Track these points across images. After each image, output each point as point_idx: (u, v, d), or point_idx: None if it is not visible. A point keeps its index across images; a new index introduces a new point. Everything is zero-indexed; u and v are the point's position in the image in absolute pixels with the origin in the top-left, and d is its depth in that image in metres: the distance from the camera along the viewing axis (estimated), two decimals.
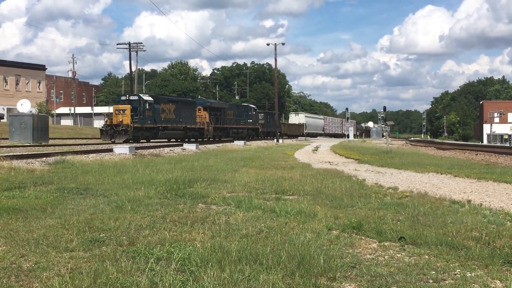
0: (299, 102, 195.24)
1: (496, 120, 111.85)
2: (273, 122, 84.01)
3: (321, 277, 5.73)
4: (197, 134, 57.57)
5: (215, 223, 8.64)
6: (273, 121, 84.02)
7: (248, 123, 72.97)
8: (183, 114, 53.88)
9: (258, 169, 20.40)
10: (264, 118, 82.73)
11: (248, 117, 73.22)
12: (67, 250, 6.75)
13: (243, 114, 71.87)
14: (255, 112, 76.42)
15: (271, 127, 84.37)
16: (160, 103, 50.32)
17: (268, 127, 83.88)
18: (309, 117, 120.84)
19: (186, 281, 5.42)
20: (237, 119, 69.45)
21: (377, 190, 13.67)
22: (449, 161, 27.62)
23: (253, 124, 74.93)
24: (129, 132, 44.62)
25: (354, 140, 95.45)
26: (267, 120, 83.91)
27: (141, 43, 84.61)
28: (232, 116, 67.54)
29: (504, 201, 12.06)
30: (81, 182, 14.31)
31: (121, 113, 45.81)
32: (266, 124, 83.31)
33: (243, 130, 70.83)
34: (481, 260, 6.44)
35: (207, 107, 60.45)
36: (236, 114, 69.10)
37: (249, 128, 73.48)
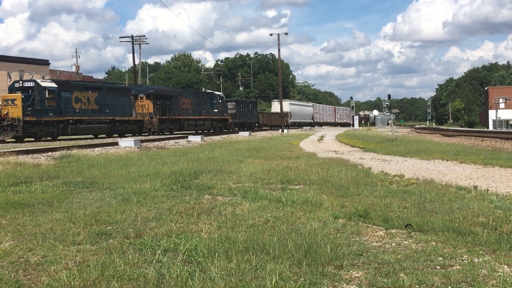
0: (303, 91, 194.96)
1: (501, 106, 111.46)
2: (248, 111, 75.30)
3: (328, 265, 5.73)
4: (133, 128, 47.98)
5: (221, 214, 8.65)
6: (248, 110, 75.36)
7: (212, 113, 62.39)
8: (110, 103, 44.51)
9: (264, 159, 20.39)
10: (236, 107, 71.27)
11: (213, 106, 62.84)
12: (74, 244, 6.77)
13: (205, 103, 61.28)
14: (222, 101, 65.84)
15: (245, 118, 74.14)
16: (72, 90, 41.12)
17: (241, 117, 72.69)
18: (295, 105, 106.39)
19: (193, 272, 5.42)
20: (197, 108, 58.94)
21: (383, 178, 13.65)
22: (455, 148, 27.55)
23: (219, 115, 64.16)
24: (19, 128, 35.98)
25: (359, 128, 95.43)
26: (239, 109, 72.26)
27: (144, 36, 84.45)
28: (188, 105, 57.23)
29: (511, 186, 12.03)
30: (87, 176, 14.34)
31: (10, 103, 36.75)
32: (239, 114, 71.86)
33: (205, 122, 60.62)
34: (488, 246, 6.43)
35: (150, 95, 51.00)
36: (195, 103, 58.68)
37: (214, 119, 62.91)
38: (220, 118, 64.78)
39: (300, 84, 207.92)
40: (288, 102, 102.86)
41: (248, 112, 75.53)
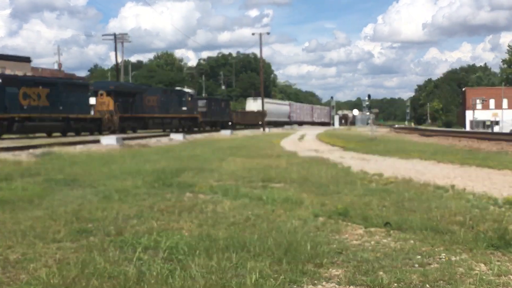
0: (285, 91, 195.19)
1: (478, 107, 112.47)
2: (221, 110, 73.06)
3: (308, 263, 5.78)
4: (91, 126, 45.16)
5: (203, 212, 8.67)
6: (221, 109, 73.12)
7: (180, 111, 59.98)
8: (64, 100, 41.77)
9: (245, 158, 20.42)
10: (207, 105, 69.00)
11: (181, 104, 60.48)
12: (55, 241, 6.75)
13: (173, 101, 59.11)
14: (192, 99, 63.45)
15: (217, 116, 71.83)
16: (20, 85, 38.51)
17: (212, 116, 70.32)
18: (270, 103, 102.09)
19: (173, 270, 5.44)
20: (163, 106, 56.40)
21: (363, 176, 13.75)
22: (433, 147, 27.80)
23: (188, 113, 61.60)
24: None
25: (339, 128, 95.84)
26: (210, 107, 69.89)
27: (126, 34, 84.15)
28: (154, 103, 54.73)
29: (487, 185, 12.18)
30: (69, 173, 14.28)
31: None
32: (210, 112, 69.44)
33: (172, 120, 57.95)
34: (465, 244, 6.52)
35: (111, 92, 48.13)
36: (161, 101, 56.33)
37: (182, 118, 60.25)
38: (189, 117, 61.88)
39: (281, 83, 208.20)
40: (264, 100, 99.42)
41: (220, 110, 73.11)
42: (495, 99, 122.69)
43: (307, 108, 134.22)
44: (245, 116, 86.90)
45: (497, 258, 6.04)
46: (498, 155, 21.31)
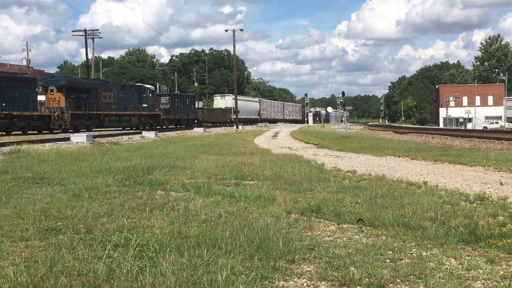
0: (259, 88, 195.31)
1: (451, 104, 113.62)
2: (185, 107, 68.77)
3: (280, 260, 5.75)
4: (38, 124, 41.78)
5: (174, 209, 8.60)
6: (185, 105, 68.78)
7: (141, 108, 55.92)
8: (7, 96, 38.44)
9: (218, 155, 20.37)
10: (170, 102, 64.90)
11: (142, 101, 56.38)
12: (22, 239, 6.64)
13: (132, 97, 54.61)
14: (153, 95, 59.38)
15: (181, 113, 67.87)
16: None
17: (176, 113, 66.22)
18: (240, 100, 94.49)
19: (144, 267, 5.38)
20: (121, 103, 52.11)
21: (336, 173, 13.78)
22: (407, 145, 27.99)
23: (149, 110, 57.70)
24: None
25: (313, 125, 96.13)
26: (174, 104, 65.65)
27: (97, 30, 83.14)
28: (111, 100, 50.49)
29: (459, 182, 12.28)
30: (37, 171, 14.09)
31: None
32: (174, 109, 65.33)
33: (131, 118, 53.84)
34: (436, 240, 6.55)
35: (62, 87, 44.18)
36: (119, 97, 51.97)
37: (142, 115, 56.38)
38: (150, 114, 58.18)
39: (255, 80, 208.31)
40: (231, 97, 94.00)
41: (185, 107, 69.04)
42: (468, 96, 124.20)
43: (278, 105, 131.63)
44: (212, 113, 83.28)
45: (468, 253, 6.07)
46: (471, 152, 21.52)
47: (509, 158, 17.80)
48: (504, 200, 9.25)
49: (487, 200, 9.36)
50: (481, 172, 14.38)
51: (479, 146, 27.08)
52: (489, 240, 6.38)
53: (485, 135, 38.21)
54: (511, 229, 6.76)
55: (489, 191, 10.60)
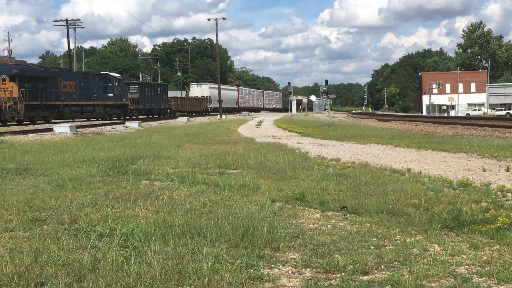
0: (242, 77, 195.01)
1: (434, 91, 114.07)
2: (156, 96, 65.89)
3: (265, 247, 5.77)
4: None
5: (159, 199, 8.60)
6: (156, 95, 65.82)
7: (106, 98, 52.38)
8: None
9: (202, 144, 20.35)
10: (140, 91, 61.16)
11: (107, 90, 52.72)
12: (7, 230, 6.61)
13: (96, 86, 50.92)
14: (119, 83, 55.34)
15: (152, 103, 64.80)
16: None
17: (146, 102, 62.94)
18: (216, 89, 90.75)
19: (129, 257, 5.38)
20: (84, 92, 48.43)
21: (320, 161, 13.82)
22: (390, 132, 28.12)
23: (116, 99, 54.06)
24: None
25: (297, 114, 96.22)
26: (144, 93, 62.22)
27: (79, 19, 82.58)
28: (72, 89, 46.83)
29: (442, 168, 12.36)
30: (21, 162, 14.00)
31: None
32: (143, 99, 62.04)
33: (95, 108, 50.33)
34: (420, 226, 6.60)
35: (15, 76, 41.09)
36: (81, 86, 48.27)
37: (108, 105, 52.91)
38: (117, 104, 54.48)
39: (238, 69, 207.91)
40: (208, 85, 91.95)
41: (156, 96, 65.79)
42: (451, 83, 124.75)
43: (257, 93, 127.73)
44: (186, 102, 78.82)
45: (451, 238, 6.12)
46: (454, 139, 21.67)
47: (492, 144, 17.95)
48: (487, 186, 9.33)
49: (470, 186, 9.44)
50: (464, 158, 14.48)
51: (462, 133, 27.28)
52: (472, 226, 6.43)
53: (468, 122, 38.51)
54: (494, 215, 6.82)
55: (472, 177, 10.69)
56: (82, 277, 4.83)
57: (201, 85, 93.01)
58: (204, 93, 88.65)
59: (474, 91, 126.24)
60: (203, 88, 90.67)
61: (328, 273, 5.01)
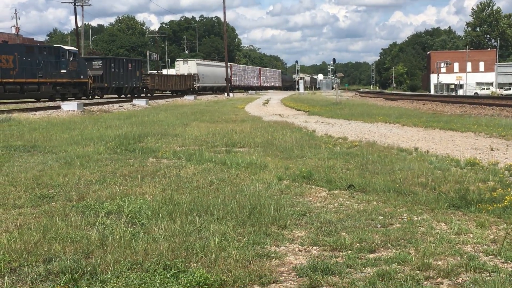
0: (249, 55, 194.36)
1: (442, 70, 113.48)
2: (127, 73, 56.16)
3: (271, 225, 5.79)
4: None
5: (166, 177, 8.62)
6: (127, 72, 56.05)
7: (57, 75, 43.82)
8: None
9: (209, 123, 20.35)
10: (104, 67, 51.72)
11: (59, 66, 44.32)
12: (15, 207, 6.65)
13: (43, 61, 42.40)
14: (75, 58, 46.70)
15: (120, 81, 54.97)
16: None
17: (113, 80, 53.31)
18: (205, 65, 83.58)
19: (136, 234, 5.41)
20: (26, 68, 40.44)
21: (327, 140, 13.81)
22: (398, 111, 28.04)
23: (70, 77, 45.20)
24: None
25: (304, 92, 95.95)
26: (109, 70, 52.61)
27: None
28: (10, 64, 39.22)
29: (450, 147, 12.34)
30: (29, 139, 14.05)
31: None
32: (109, 76, 52.43)
33: (41, 87, 41.78)
34: (427, 205, 6.60)
35: None
36: (23, 61, 40.40)
37: (59, 83, 44.02)
38: (72, 82, 45.61)
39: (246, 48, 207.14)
40: (195, 61, 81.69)
41: (127, 73, 56.27)
42: (459, 62, 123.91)
43: (253, 70, 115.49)
44: (166, 80, 68.37)
45: (458, 217, 6.13)
46: (462, 118, 21.60)
47: (500, 123, 17.89)
48: (494, 166, 9.32)
49: (478, 165, 9.42)
50: (472, 138, 14.45)
51: (470, 112, 27.18)
52: (479, 205, 6.44)
53: (476, 101, 38.32)
54: (501, 194, 6.82)
55: (479, 156, 10.67)
56: (90, 254, 4.86)
57: (187, 61, 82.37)
58: (191, 70, 78.10)
59: (482, 70, 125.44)
60: (189, 64, 79.94)
61: (334, 251, 5.03)
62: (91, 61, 51.80)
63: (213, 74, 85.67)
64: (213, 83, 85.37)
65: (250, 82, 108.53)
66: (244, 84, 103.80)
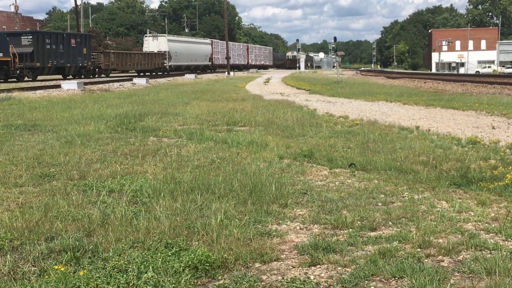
0: (250, 34, 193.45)
1: (444, 49, 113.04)
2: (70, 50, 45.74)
3: (273, 204, 5.80)
4: None
5: (167, 155, 8.62)
6: (69, 48, 45.52)
7: None
8: None
9: (209, 101, 20.32)
10: (36, 43, 41.80)
11: None
12: (17, 186, 6.66)
13: None
14: None
15: (61, 59, 44.67)
16: None
17: (49, 58, 43.31)
18: (178, 42, 72.69)
19: (138, 212, 5.42)
20: None
21: (328, 119, 13.79)
22: (399, 90, 27.98)
23: None
24: None
25: (305, 71, 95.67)
26: (43, 47, 42.66)
27: None
28: None
29: (451, 126, 12.32)
30: (29, 118, 14.04)
31: None
32: (43, 53, 42.54)
33: None
34: (428, 183, 6.61)
35: None
36: None
37: None
38: None
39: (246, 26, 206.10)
40: (166, 37, 71.38)
41: (69, 51, 45.76)
42: (461, 40, 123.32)
43: (240, 48, 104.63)
44: (126, 58, 57.44)
45: (459, 195, 6.13)
46: (463, 96, 21.54)
47: (502, 102, 17.85)
48: (495, 144, 9.31)
49: (479, 144, 9.42)
50: (473, 116, 14.42)
51: (472, 90, 27.10)
52: (480, 183, 6.44)
53: (477, 79, 38.20)
54: (502, 172, 6.82)
55: (481, 135, 10.65)
56: (91, 232, 4.87)
57: (157, 37, 71.57)
58: (161, 47, 68.40)
59: (484, 48, 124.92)
60: (160, 41, 69.53)
61: (335, 229, 5.04)
62: (18, 36, 42.94)
63: (189, 52, 74.37)
64: (189, 62, 74.37)
65: (236, 60, 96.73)
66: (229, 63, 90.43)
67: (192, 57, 74.84)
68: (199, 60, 77.67)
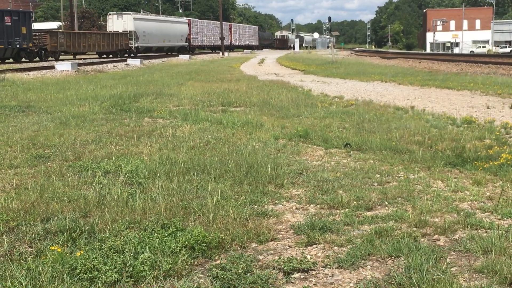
0: (244, 14, 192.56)
1: (439, 29, 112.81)
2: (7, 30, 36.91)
3: (269, 184, 5.80)
4: None
5: (162, 136, 8.61)
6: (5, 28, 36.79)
7: None
8: None
9: (204, 82, 20.27)
10: None
11: None
12: (12, 167, 6.63)
13: None
14: None
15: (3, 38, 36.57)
16: None
17: None
18: (147, 21, 64.59)
19: (134, 193, 5.41)
20: None
21: (323, 99, 13.78)
22: (393, 70, 27.96)
23: None
24: None
25: (299, 51, 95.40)
26: None
27: None
28: None
29: (446, 106, 12.33)
30: (23, 99, 13.97)
31: None
32: None
33: None
34: (424, 163, 6.62)
35: None
36: None
37: None
38: None
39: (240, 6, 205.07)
40: (131, 15, 61.91)
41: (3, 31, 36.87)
42: (456, 20, 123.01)
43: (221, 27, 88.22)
44: (80, 39, 49.36)
45: (454, 175, 6.15)
46: (458, 76, 21.55)
47: (496, 81, 17.86)
48: (491, 124, 9.32)
49: (474, 123, 9.44)
50: (468, 96, 14.43)
51: (466, 70, 27.10)
52: (475, 163, 6.45)
53: (472, 59, 38.18)
54: (497, 152, 6.83)
55: (476, 114, 10.67)
56: (87, 213, 4.86)
57: (122, 15, 62.28)
58: (127, 26, 60.23)
59: (478, 28, 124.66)
60: (125, 20, 61.06)
61: (332, 209, 5.05)
62: None
63: (161, 32, 66.31)
64: (161, 43, 66.64)
65: (217, 41, 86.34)
66: (209, 44, 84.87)
67: (165, 37, 67.44)
68: (174, 40, 70.25)
